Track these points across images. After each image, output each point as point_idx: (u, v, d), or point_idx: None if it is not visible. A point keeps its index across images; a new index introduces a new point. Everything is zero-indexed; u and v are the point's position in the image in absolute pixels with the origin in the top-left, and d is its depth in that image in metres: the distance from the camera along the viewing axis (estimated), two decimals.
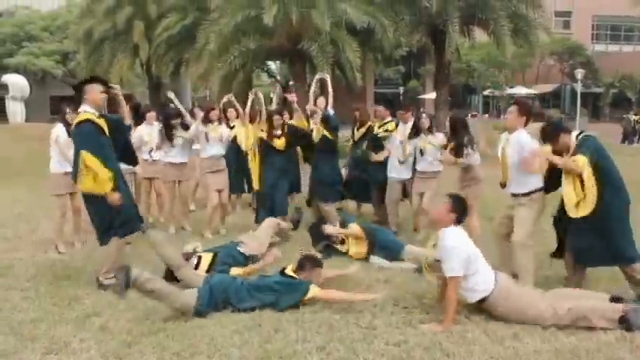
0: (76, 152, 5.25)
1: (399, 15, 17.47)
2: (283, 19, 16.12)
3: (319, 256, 6.14)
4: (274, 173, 7.44)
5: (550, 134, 5.10)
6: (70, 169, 6.55)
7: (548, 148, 5.14)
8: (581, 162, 4.78)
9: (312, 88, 8.62)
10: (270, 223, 6.81)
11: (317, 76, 8.69)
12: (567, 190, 4.90)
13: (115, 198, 5.18)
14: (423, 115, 7.38)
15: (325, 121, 7.51)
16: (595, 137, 5.10)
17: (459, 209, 4.57)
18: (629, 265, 4.89)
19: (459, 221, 4.58)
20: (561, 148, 5.05)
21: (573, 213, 4.84)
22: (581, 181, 4.78)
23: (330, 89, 8.41)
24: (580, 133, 5.12)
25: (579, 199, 4.81)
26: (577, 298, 4.48)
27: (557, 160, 4.95)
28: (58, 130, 6.69)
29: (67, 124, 6.50)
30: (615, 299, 4.44)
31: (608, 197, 4.77)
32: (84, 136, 5.23)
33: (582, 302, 4.39)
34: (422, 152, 7.15)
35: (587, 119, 33.30)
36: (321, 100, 8.27)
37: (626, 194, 4.93)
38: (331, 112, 7.98)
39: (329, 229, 6.60)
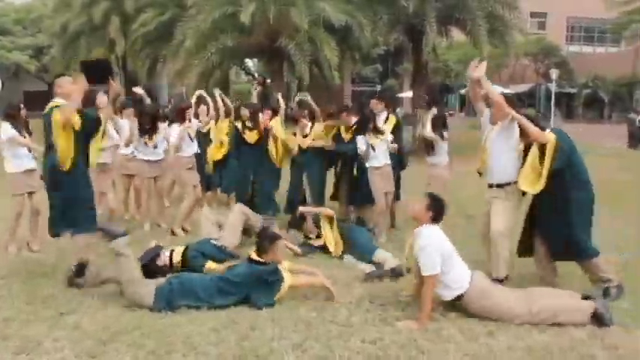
0: (51, 134, 5.14)
1: (377, 14, 17.51)
2: (261, 16, 16.07)
3: (299, 252, 6.26)
4: (244, 166, 7.54)
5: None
6: (26, 167, 6.49)
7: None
8: (547, 135, 4.93)
9: (294, 111, 8.76)
10: (238, 209, 6.78)
11: (297, 98, 8.79)
12: (527, 162, 5.05)
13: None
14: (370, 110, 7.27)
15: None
16: (565, 132, 5.19)
17: (436, 209, 4.62)
18: (589, 260, 5.01)
19: (435, 220, 4.62)
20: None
21: (526, 186, 5.04)
22: (541, 157, 4.93)
23: (315, 107, 8.23)
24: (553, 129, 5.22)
25: (535, 174, 4.96)
26: (549, 296, 4.56)
27: (522, 120, 5.04)
28: (4, 129, 6.47)
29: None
30: (586, 297, 4.54)
31: (574, 191, 4.92)
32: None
33: (555, 300, 4.49)
34: (373, 148, 7.03)
35: (560, 119, 33.73)
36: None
37: (591, 189, 5.05)
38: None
39: (301, 208, 6.76)
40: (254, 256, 4.98)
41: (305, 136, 7.78)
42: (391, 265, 5.71)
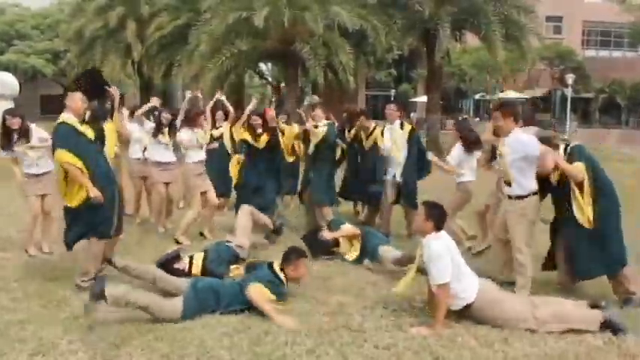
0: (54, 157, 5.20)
1: (392, 18, 17.54)
2: (276, 20, 16.13)
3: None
4: (257, 174, 7.54)
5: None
6: (37, 170, 6.49)
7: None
8: (581, 167, 4.91)
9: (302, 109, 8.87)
10: (244, 211, 6.78)
11: (307, 101, 8.93)
12: (576, 200, 4.96)
13: (96, 195, 5.11)
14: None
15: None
16: (583, 145, 5.16)
17: (435, 215, 4.57)
18: (620, 272, 4.95)
19: (438, 227, 4.57)
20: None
21: (586, 223, 4.91)
22: (581, 188, 4.89)
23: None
24: (567, 146, 5.17)
25: (586, 207, 4.89)
26: (554, 304, 4.52)
27: (563, 164, 4.98)
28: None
29: None
30: (595, 306, 4.48)
31: (604, 204, 4.86)
32: (60, 136, 5.18)
33: (559, 308, 4.45)
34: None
35: (576, 124, 33.47)
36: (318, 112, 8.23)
37: (617, 199, 5.02)
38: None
39: (326, 234, 6.59)
40: (275, 267, 4.99)
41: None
42: (395, 257, 5.80)
